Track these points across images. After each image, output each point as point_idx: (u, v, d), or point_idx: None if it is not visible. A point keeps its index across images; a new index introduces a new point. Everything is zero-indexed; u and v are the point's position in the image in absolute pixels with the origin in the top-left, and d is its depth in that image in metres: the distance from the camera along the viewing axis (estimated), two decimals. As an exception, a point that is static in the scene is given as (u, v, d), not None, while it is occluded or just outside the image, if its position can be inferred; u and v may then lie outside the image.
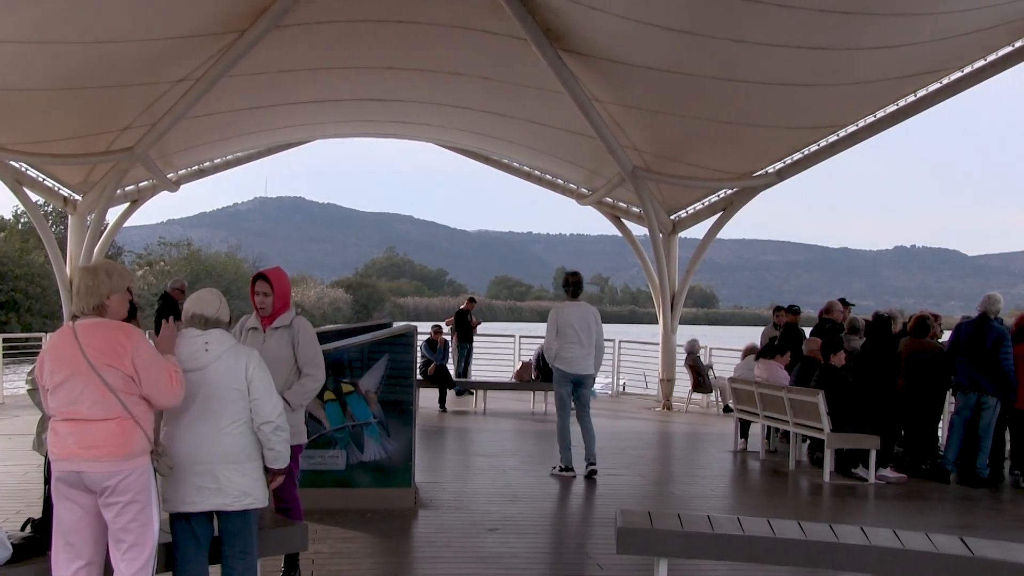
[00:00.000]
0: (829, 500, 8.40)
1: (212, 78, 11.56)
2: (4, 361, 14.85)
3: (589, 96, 12.18)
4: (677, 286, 15.52)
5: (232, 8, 10.46)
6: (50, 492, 3.92)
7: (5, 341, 15.06)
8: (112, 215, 16.50)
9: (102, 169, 14.41)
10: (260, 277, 5.25)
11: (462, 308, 16.42)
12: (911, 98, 11.73)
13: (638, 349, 18.17)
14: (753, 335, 13.88)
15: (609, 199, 16.58)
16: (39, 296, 37.39)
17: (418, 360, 12.62)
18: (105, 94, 11.75)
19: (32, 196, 14.67)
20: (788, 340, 11.20)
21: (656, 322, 15.78)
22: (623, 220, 16.98)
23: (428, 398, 13.79)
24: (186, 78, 11.79)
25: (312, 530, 5.30)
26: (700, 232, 15.76)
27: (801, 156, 13.51)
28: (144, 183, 16.02)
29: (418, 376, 12.20)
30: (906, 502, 8.31)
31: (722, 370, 15.24)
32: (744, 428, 10.84)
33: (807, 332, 11.37)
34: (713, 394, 14.84)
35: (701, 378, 14.72)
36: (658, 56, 11.10)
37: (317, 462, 7.04)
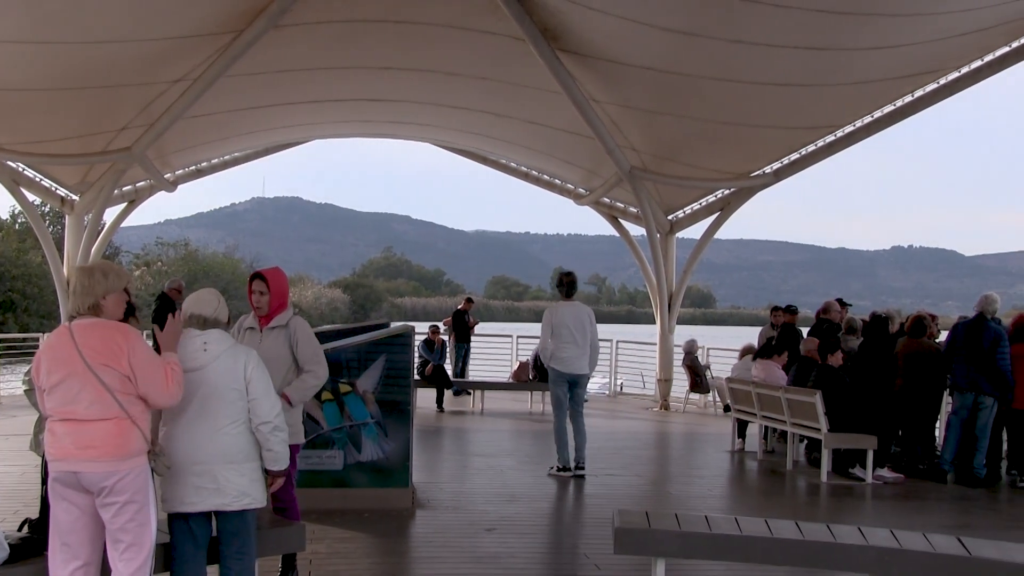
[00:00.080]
0: (826, 500, 8.41)
1: (210, 78, 11.55)
2: (1, 361, 14.83)
3: (587, 96, 12.18)
4: (675, 286, 15.53)
5: (230, 8, 10.45)
6: (47, 492, 3.91)
7: (2, 341, 15.09)
8: (109, 215, 16.47)
9: (99, 169, 14.39)
10: (257, 276, 5.26)
11: (459, 308, 16.43)
12: (909, 98, 11.73)
13: (635, 349, 18.20)
14: (750, 335, 13.87)
15: (607, 199, 16.58)
16: (36, 296, 37.30)
17: (416, 360, 12.64)
18: (102, 94, 11.73)
19: (29, 196, 14.64)
20: (785, 340, 11.20)
21: (653, 322, 15.77)
22: (621, 220, 16.98)
23: (426, 398, 13.80)
24: (184, 78, 11.77)
25: (310, 530, 5.29)
26: (697, 232, 15.81)
27: (799, 156, 13.52)
28: (141, 183, 16.01)
29: (415, 376, 12.22)
30: (903, 502, 8.32)
31: (719, 370, 15.27)
32: (741, 428, 10.85)
33: (804, 332, 11.39)
34: (710, 394, 14.86)
35: (698, 378, 14.75)
36: (656, 56, 11.10)
37: (315, 462, 7.04)
